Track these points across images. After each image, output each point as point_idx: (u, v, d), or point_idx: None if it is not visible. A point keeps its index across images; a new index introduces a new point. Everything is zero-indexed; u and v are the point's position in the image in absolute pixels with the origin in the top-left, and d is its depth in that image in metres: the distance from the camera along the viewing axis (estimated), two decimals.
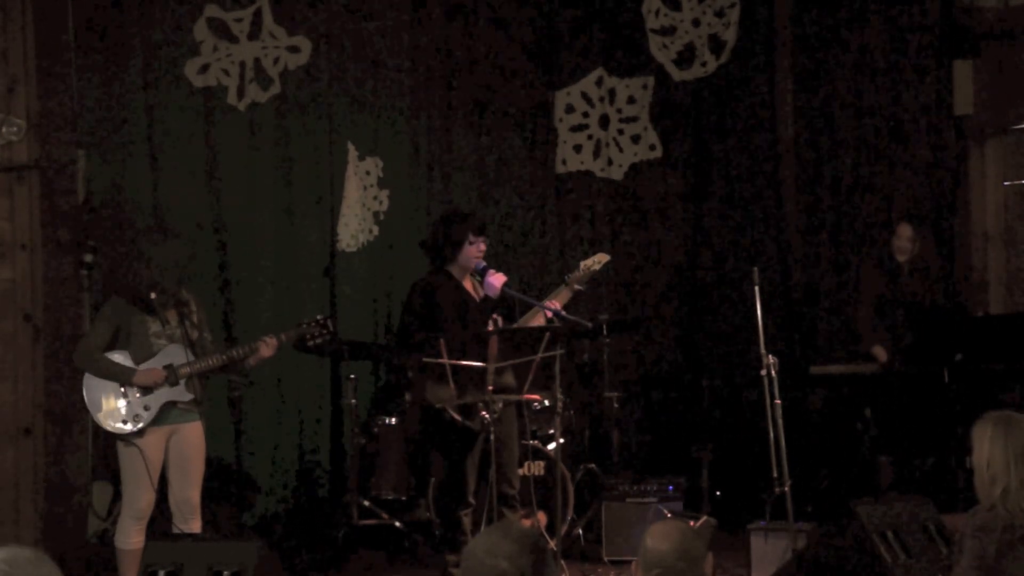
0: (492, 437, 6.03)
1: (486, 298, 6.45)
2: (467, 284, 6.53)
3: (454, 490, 6.47)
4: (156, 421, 5.92)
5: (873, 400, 7.46)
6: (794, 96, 8.60)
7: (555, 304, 6.41)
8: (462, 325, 6.38)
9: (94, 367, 5.91)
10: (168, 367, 5.92)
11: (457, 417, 6.29)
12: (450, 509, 6.49)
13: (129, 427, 5.88)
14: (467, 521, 6.43)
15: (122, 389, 5.90)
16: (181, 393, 5.96)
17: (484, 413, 6.21)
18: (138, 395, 5.90)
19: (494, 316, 6.47)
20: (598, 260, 6.73)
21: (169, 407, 5.95)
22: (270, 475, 8.01)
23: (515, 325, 6.53)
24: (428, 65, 8.49)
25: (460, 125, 8.57)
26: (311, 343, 6.35)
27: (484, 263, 6.54)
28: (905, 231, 7.58)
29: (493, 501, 6.24)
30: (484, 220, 6.83)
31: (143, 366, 5.91)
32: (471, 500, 6.43)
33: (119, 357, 5.93)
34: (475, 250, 6.48)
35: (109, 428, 5.91)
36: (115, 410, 5.88)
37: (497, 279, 6.39)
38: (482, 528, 6.37)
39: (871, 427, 7.48)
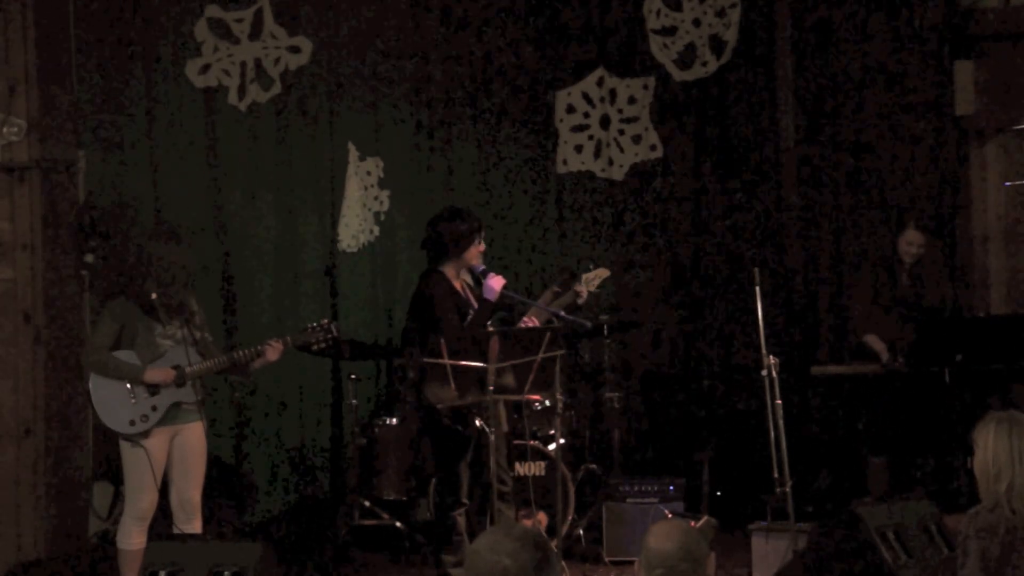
0: (492, 439, 6.04)
1: (484, 300, 6.43)
2: (457, 285, 6.52)
3: (448, 491, 6.47)
4: (162, 422, 5.93)
5: (874, 400, 7.45)
6: (795, 96, 8.60)
7: (533, 320, 6.46)
8: (461, 324, 6.37)
9: (103, 367, 5.90)
10: (177, 367, 5.92)
11: (448, 422, 6.29)
12: (444, 510, 6.50)
13: (136, 427, 5.88)
14: (462, 521, 6.44)
15: (129, 389, 5.89)
16: (187, 394, 5.96)
17: (479, 422, 6.24)
18: (146, 395, 5.90)
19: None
20: (597, 275, 6.77)
21: (175, 408, 5.96)
22: (270, 475, 8.02)
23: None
24: (429, 65, 8.49)
25: (461, 125, 8.57)
26: (315, 348, 6.35)
27: (484, 266, 6.53)
28: (917, 238, 7.58)
29: (493, 502, 6.26)
30: (482, 221, 6.84)
31: (152, 366, 5.91)
32: (464, 500, 6.44)
33: (126, 357, 5.93)
34: (477, 250, 6.49)
35: (116, 428, 5.91)
36: (122, 410, 5.88)
37: (496, 282, 6.38)
38: (478, 528, 6.39)
39: (871, 427, 7.48)
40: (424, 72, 8.48)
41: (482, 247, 6.52)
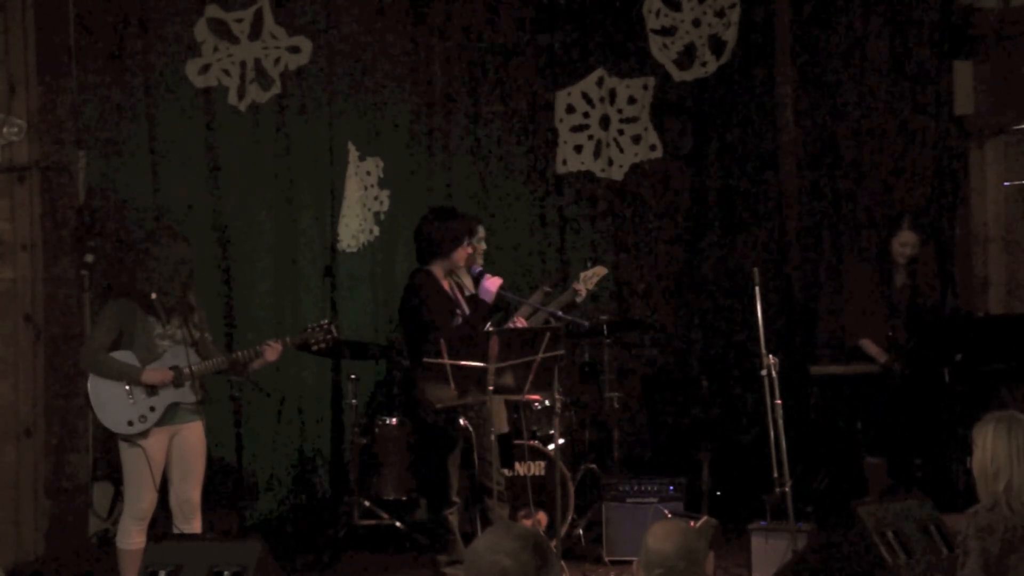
0: (491, 437, 6.05)
1: (480, 301, 6.43)
2: (445, 284, 6.53)
3: (438, 490, 6.48)
4: (160, 422, 5.92)
5: (873, 400, 7.45)
6: (794, 96, 8.59)
7: (522, 320, 6.48)
8: (450, 321, 6.38)
9: (100, 367, 5.89)
10: (175, 368, 5.92)
11: (436, 420, 6.31)
12: (436, 509, 6.51)
13: (135, 428, 5.88)
14: (453, 520, 6.45)
15: (128, 389, 5.89)
16: (186, 395, 5.95)
17: (463, 421, 6.25)
18: (144, 396, 5.89)
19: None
20: (595, 273, 6.77)
21: (173, 408, 5.95)
22: (270, 475, 8.02)
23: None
24: (428, 65, 8.49)
25: (460, 125, 8.57)
26: (315, 348, 6.35)
27: (480, 268, 6.53)
28: (911, 239, 7.57)
29: (485, 501, 6.28)
30: (478, 221, 6.88)
31: (150, 367, 5.91)
32: (455, 499, 6.45)
33: (124, 357, 5.92)
34: (465, 252, 6.50)
35: (114, 429, 5.90)
36: (121, 411, 5.87)
37: (493, 283, 6.38)
38: (474, 527, 6.41)
39: (870, 427, 7.48)
40: (424, 72, 8.48)
41: (471, 249, 6.55)
